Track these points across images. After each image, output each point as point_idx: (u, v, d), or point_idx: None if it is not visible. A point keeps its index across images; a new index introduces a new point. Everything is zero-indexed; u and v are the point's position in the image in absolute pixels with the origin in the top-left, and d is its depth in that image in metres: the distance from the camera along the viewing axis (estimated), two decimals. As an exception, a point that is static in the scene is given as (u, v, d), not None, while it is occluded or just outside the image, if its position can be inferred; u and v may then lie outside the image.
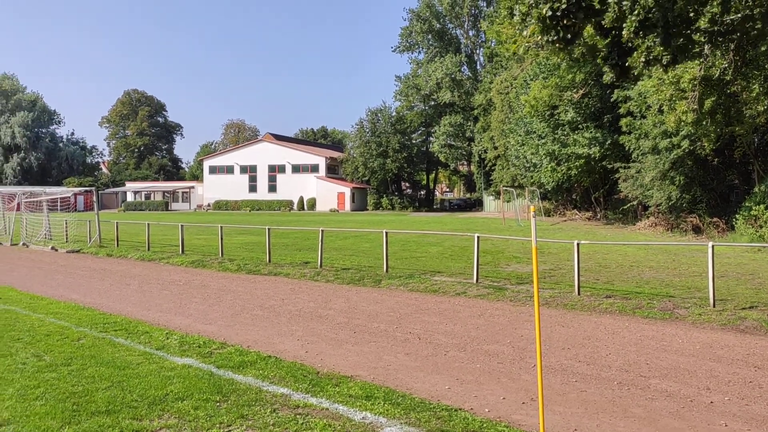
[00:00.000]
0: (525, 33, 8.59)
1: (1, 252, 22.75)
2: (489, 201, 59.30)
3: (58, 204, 29.82)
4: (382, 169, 64.60)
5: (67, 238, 25.44)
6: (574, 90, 29.27)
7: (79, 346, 7.73)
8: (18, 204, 29.65)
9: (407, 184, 73.70)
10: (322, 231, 15.77)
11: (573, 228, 29.86)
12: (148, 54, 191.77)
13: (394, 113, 67.93)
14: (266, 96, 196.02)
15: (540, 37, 8.19)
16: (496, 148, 47.70)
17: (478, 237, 12.84)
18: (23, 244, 25.21)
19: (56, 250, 22.53)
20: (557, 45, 8.16)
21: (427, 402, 5.72)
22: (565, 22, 7.85)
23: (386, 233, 14.59)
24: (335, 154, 76.50)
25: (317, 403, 5.66)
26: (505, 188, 42.39)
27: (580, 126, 30.97)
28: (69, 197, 34.92)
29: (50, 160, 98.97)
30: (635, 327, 8.89)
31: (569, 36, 8.01)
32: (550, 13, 7.81)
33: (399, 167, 64.94)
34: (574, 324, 9.13)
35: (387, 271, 14.10)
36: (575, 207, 40.97)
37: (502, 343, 8.05)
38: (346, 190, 67.06)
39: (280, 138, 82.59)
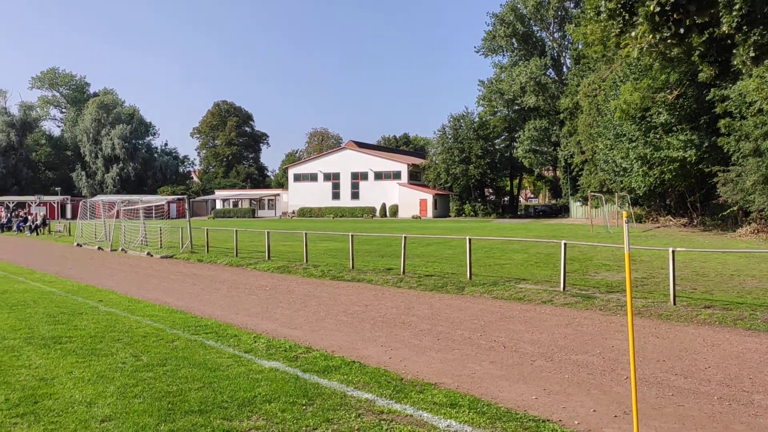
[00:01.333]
0: (634, 34, 8.24)
1: (102, 257, 24.07)
2: (576, 207, 57.76)
3: (153, 211, 31.26)
4: (465, 175, 64.12)
5: (161, 244, 26.66)
6: (668, 91, 28.04)
7: (173, 347, 8.04)
8: (117, 212, 31.27)
9: (490, 191, 72.79)
10: (405, 238, 15.77)
11: (667, 235, 28.57)
12: (238, 66, 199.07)
13: (476, 119, 67.38)
14: (349, 104, 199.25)
15: (651, 36, 7.84)
16: (583, 152, 46.38)
17: (564, 244, 12.48)
18: (122, 249, 26.56)
19: (151, 256, 23.62)
20: (671, 42, 7.77)
21: (513, 412, 5.58)
22: (675, 16, 7.46)
23: (469, 240, 14.44)
24: (417, 161, 76.63)
25: (401, 410, 5.63)
26: (593, 194, 41.13)
27: (674, 128, 29.65)
28: (163, 205, 36.57)
29: (146, 169, 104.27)
30: (737, 339, 8.37)
31: (682, 30, 7.58)
32: (658, 9, 7.43)
33: (482, 173, 64.29)
34: (669, 335, 8.70)
35: (470, 278, 13.94)
36: (669, 213, 39.24)
37: (592, 353, 7.77)
38: (428, 197, 66.99)
39: (362, 145, 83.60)
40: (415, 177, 72.37)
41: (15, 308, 11.17)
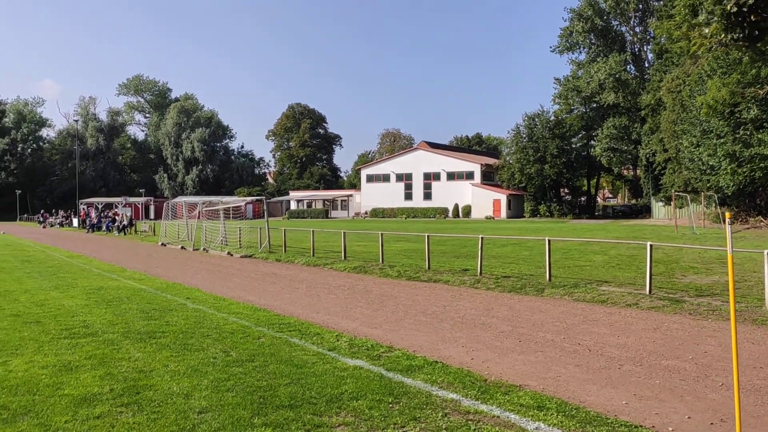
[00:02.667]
0: (706, 32, 7.95)
1: (185, 256, 25.02)
2: (658, 207, 55.76)
3: (231, 212, 32.18)
4: (540, 175, 62.96)
5: (240, 244, 27.45)
6: (758, 86, 26.68)
7: (259, 344, 8.29)
8: (199, 212, 32.41)
9: (566, 191, 71.15)
10: (482, 238, 15.66)
11: (758, 236, 27.18)
12: (311, 69, 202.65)
13: (552, 117, 66.05)
14: (421, 105, 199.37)
15: (723, 35, 7.55)
16: (666, 150, 44.70)
17: (651, 245, 12.08)
18: (203, 249, 27.50)
19: (231, 255, 24.36)
20: (742, 43, 7.47)
21: (603, 416, 5.46)
22: (752, 18, 7.16)
23: (549, 241, 14.19)
24: (490, 161, 75.86)
25: (488, 411, 5.61)
26: (677, 193, 39.58)
27: (765, 124, 28.15)
28: (241, 206, 37.64)
29: (224, 171, 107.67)
30: (842, 347, 7.90)
31: (756, 32, 7.29)
32: (735, 9, 7.16)
33: (557, 173, 62.96)
34: (766, 341, 8.30)
35: (550, 279, 13.70)
36: (760, 213, 37.28)
37: (683, 359, 7.50)
38: (502, 197, 66.22)
39: (434, 146, 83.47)
40: (489, 177, 71.65)
41: (111, 304, 11.78)
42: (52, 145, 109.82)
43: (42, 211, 78.57)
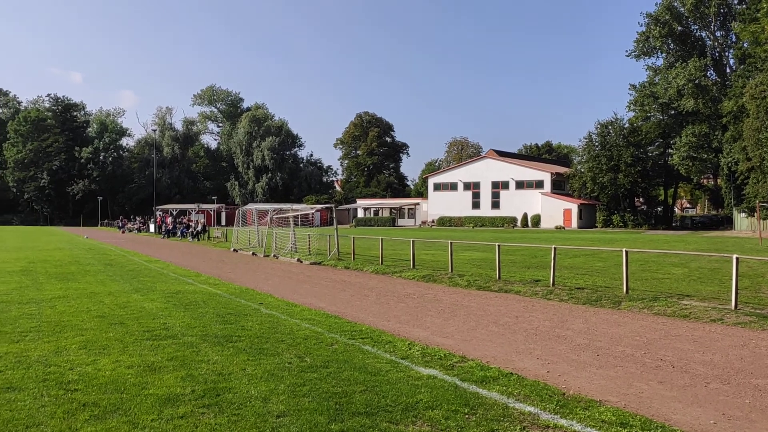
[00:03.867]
0: None
1: (257, 262, 25.55)
2: (740, 218, 53.26)
3: (299, 219, 32.66)
4: (613, 184, 61.15)
5: (309, 251, 27.83)
6: None
7: (332, 351, 8.35)
8: (269, 219, 33.06)
9: (641, 200, 68.81)
10: (555, 249, 15.33)
11: None
12: (379, 78, 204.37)
13: (626, 124, 64.11)
14: (489, 113, 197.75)
15: None
16: (749, 159, 42.64)
17: (737, 258, 11.52)
18: (274, 255, 27.99)
19: (301, 262, 24.71)
20: None
21: (691, 437, 5.23)
22: None
23: (626, 252, 13.75)
24: (561, 170, 74.37)
25: (568, 425, 5.46)
26: (761, 204, 37.68)
27: None
28: (309, 213, 38.19)
29: (292, 179, 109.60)
30: None
31: None
32: None
33: (632, 182, 60.99)
34: None
35: (627, 292, 13.27)
36: None
37: (776, 378, 7.09)
38: (573, 207, 64.77)
39: (503, 154, 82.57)
40: (559, 186, 70.23)
41: (189, 307, 12.15)
42: (131, 154, 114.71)
43: (121, 217, 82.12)
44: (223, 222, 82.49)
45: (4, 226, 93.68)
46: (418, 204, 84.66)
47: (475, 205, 73.88)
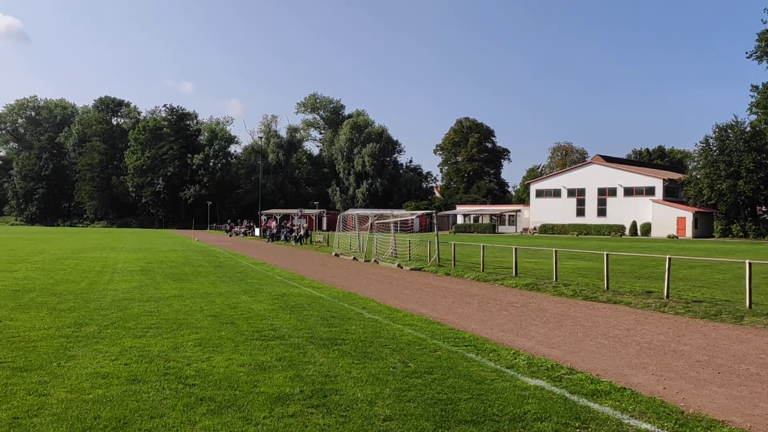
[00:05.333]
0: None
1: (358, 267, 25.91)
2: None
3: (399, 225, 32.82)
4: (733, 191, 57.39)
5: (409, 257, 27.92)
6: None
7: (436, 357, 8.32)
8: (371, 225, 33.45)
9: (764, 209, 64.21)
10: (669, 259, 14.55)
11: None
12: (480, 84, 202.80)
13: (748, 128, 60.09)
14: (595, 117, 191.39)
15: None
16: None
17: None
18: (374, 260, 28.29)
19: (401, 268, 24.81)
20: None
21: (832, 467, 4.78)
22: None
23: (749, 264, 12.83)
24: (674, 176, 70.72)
25: (689, 447, 5.14)
26: None
27: None
28: (409, 219, 38.31)
29: (392, 185, 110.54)
30: None
31: None
32: None
33: (754, 189, 56.98)
34: None
35: (750, 306, 12.39)
36: None
37: None
38: (687, 215, 61.40)
39: (610, 160, 79.56)
40: (672, 193, 66.78)
41: (294, 310, 12.48)
42: (238, 160, 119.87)
43: (228, 221, 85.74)
44: (325, 227, 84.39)
45: (124, 228, 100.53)
46: (519, 211, 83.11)
47: (580, 212, 71.60)
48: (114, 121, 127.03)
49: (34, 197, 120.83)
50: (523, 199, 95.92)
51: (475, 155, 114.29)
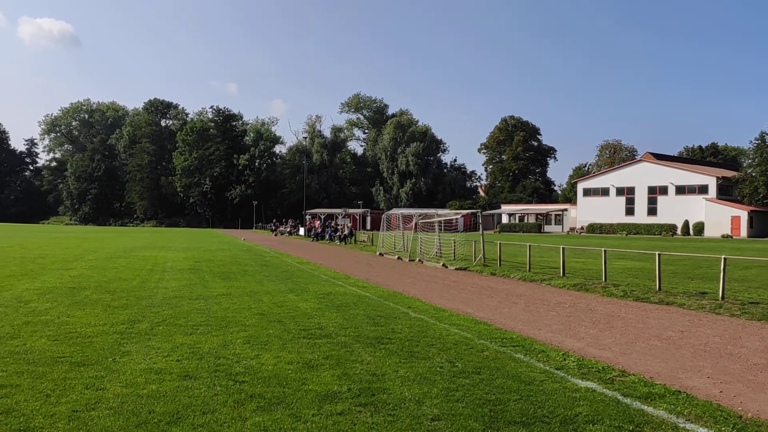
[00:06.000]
0: None
1: (402, 266, 25.90)
2: None
3: (442, 224, 32.65)
4: (789, 189, 55.43)
5: (454, 256, 27.75)
6: None
7: (483, 357, 8.24)
8: (415, 224, 33.37)
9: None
10: (724, 259, 14.11)
11: None
12: (525, 81, 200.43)
13: (806, 123, 57.91)
14: (645, 114, 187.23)
15: None
16: None
17: None
18: (418, 260, 28.22)
19: (446, 267, 24.68)
20: None
21: None
22: None
23: (810, 264, 12.35)
24: (728, 173, 68.59)
25: (749, 453, 4.97)
26: None
27: None
28: (453, 219, 38.09)
29: (436, 184, 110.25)
30: None
31: None
32: None
33: (811, 187, 54.95)
34: None
35: (811, 308, 11.91)
36: None
37: None
38: (742, 214, 59.49)
39: (660, 157, 77.63)
40: (726, 191, 64.77)
41: (340, 309, 12.54)
42: (283, 160, 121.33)
43: (274, 221, 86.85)
44: (369, 226, 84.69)
45: (172, 228, 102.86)
46: (566, 210, 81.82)
47: (629, 211, 70.07)
48: (162, 123, 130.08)
49: (87, 197, 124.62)
50: (569, 198, 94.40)
51: (520, 154, 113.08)
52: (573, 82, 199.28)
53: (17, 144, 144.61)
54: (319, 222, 65.14)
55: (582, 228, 73.47)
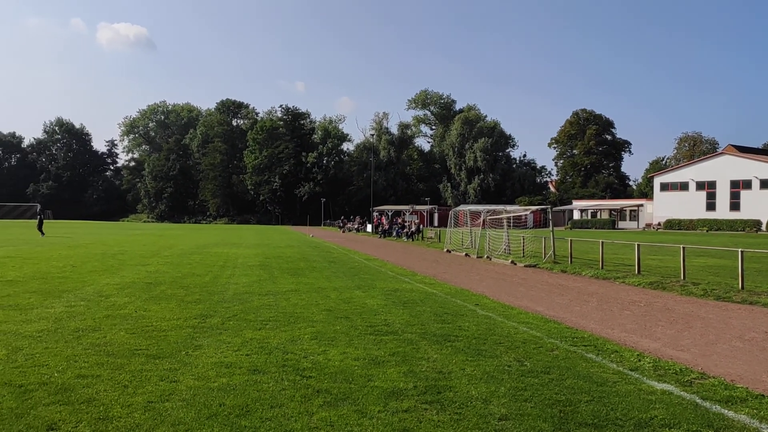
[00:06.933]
0: None
1: (470, 263, 25.67)
2: None
3: (511, 221, 32.15)
4: None
5: (523, 253, 27.29)
6: None
7: (553, 356, 8.04)
8: (483, 221, 33.00)
9: None
10: (813, 256, 13.29)
11: None
12: (599, 73, 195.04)
13: None
14: (727, 105, 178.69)
15: None
16: None
17: None
18: (486, 257, 27.90)
19: (515, 264, 24.31)
20: None
21: None
22: None
23: None
24: (817, 166, 64.65)
25: (844, 465, 4.63)
26: None
27: None
28: (522, 215, 37.49)
29: (505, 180, 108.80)
30: None
31: None
32: None
33: None
34: None
35: None
36: None
37: None
38: (833, 208, 55.93)
39: (744, 150, 73.96)
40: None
41: (407, 305, 12.52)
42: (350, 158, 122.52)
43: (341, 217, 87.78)
44: (436, 223, 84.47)
45: (243, 225, 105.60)
46: (641, 205, 79.14)
47: (710, 206, 67.08)
48: (234, 123, 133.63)
49: (163, 196, 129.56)
50: (645, 193, 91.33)
51: (592, 148, 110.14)
52: (647, 73, 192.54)
53: (99, 145, 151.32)
54: (386, 219, 65.41)
55: (659, 224, 70.89)
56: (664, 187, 72.58)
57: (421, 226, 56.10)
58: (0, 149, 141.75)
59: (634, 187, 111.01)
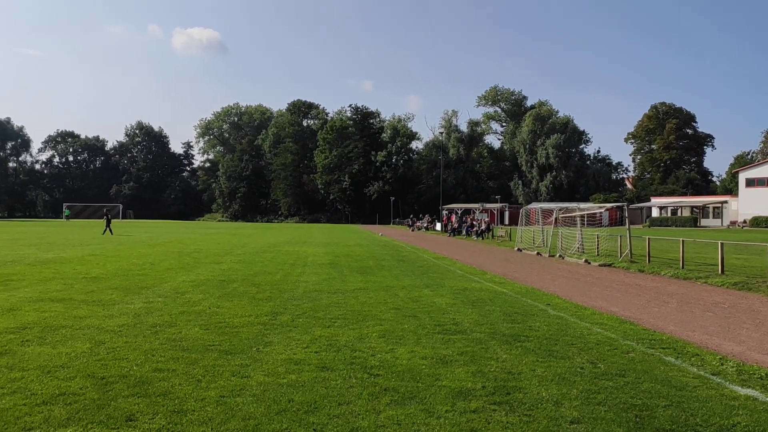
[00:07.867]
0: None
1: (541, 262, 25.15)
2: None
3: (585, 219, 31.29)
4: None
5: (598, 252, 26.52)
6: None
7: (629, 359, 7.75)
8: (555, 219, 32.28)
9: None
10: None
11: None
12: (678, 66, 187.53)
13: None
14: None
15: None
16: None
17: None
18: (559, 255, 27.24)
19: (589, 263, 23.65)
20: None
21: None
22: None
23: None
24: None
25: None
26: None
27: None
28: (597, 213, 36.44)
29: (578, 177, 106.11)
30: None
31: None
32: None
33: None
34: None
35: None
36: None
37: None
38: None
39: (835, 143, 69.39)
40: None
41: (476, 305, 12.37)
42: (419, 156, 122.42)
43: (411, 216, 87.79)
44: (506, 221, 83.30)
45: (313, 224, 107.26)
46: (725, 202, 75.59)
47: (799, 202, 63.40)
48: (304, 123, 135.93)
49: (236, 195, 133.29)
50: (730, 189, 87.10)
51: (672, 143, 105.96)
52: (732, 62, 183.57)
53: (176, 147, 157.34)
54: (455, 217, 64.99)
55: (744, 221, 67.51)
56: (750, 182, 69.08)
57: (492, 224, 55.42)
58: (86, 152, 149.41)
59: (718, 183, 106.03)
